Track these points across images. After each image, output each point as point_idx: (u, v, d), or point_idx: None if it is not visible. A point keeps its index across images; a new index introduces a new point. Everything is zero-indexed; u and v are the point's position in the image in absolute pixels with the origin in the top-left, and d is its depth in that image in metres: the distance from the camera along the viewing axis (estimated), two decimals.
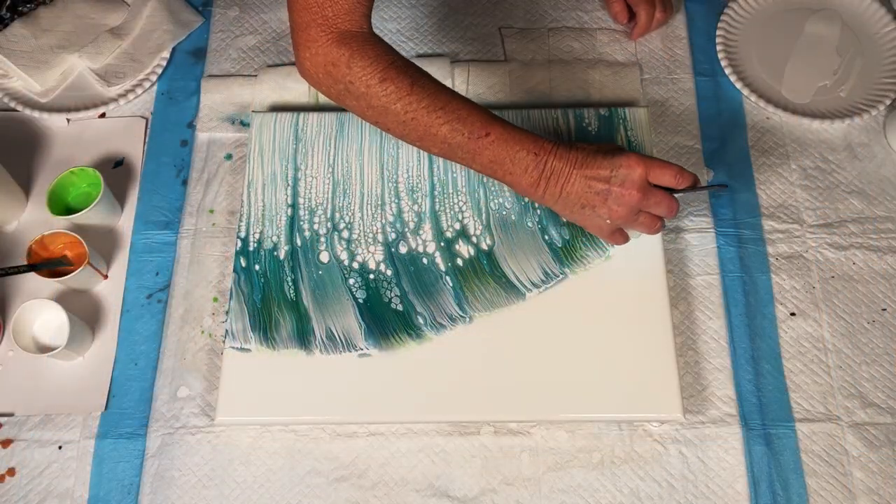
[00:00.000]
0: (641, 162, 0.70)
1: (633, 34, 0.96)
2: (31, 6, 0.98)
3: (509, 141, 0.71)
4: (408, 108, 0.70)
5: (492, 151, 0.71)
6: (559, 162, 0.71)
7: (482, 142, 0.71)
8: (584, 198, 0.71)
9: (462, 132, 0.70)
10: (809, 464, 0.76)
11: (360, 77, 0.70)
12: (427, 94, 0.70)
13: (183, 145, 0.92)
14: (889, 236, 0.86)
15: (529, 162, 0.71)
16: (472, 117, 0.71)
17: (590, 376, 0.76)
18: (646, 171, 0.70)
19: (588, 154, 0.71)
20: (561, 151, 0.71)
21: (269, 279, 0.81)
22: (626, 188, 0.70)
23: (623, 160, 0.70)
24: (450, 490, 0.75)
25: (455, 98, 0.72)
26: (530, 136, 0.72)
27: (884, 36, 0.96)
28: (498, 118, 0.72)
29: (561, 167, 0.71)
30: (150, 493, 0.75)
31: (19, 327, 0.78)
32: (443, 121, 0.70)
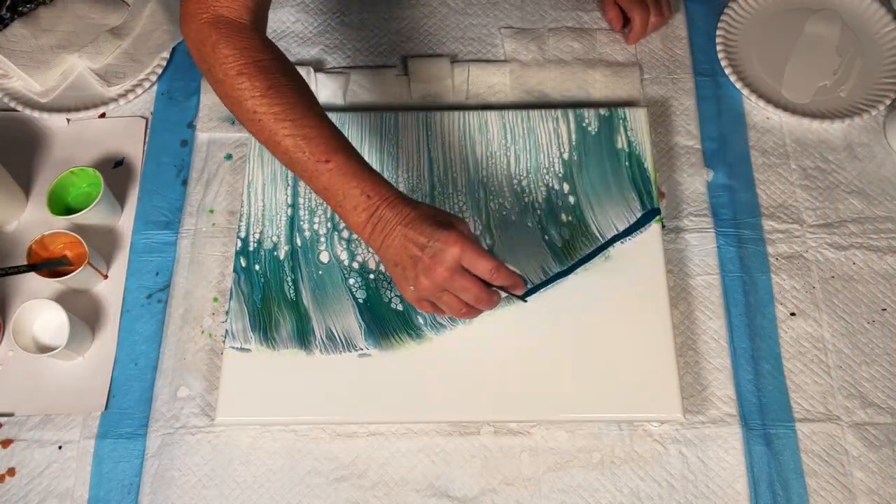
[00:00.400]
0: (459, 242, 0.65)
1: (629, 39, 0.96)
2: (31, 6, 0.98)
3: (347, 175, 0.68)
4: (257, 108, 0.68)
5: (327, 179, 0.68)
6: (389, 212, 0.67)
7: (320, 166, 0.68)
8: (398, 256, 0.67)
9: (304, 150, 0.68)
10: (809, 464, 0.76)
11: (220, 63, 0.68)
12: (281, 102, 0.68)
13: (183, 145, 0.92)
14: (889, 236, 0.86)
15: (360, 202, 0.67)
16: (319, 139, 0.68)
17: (590, 376, 0.76)
18: (460, 254, 0.65)
19: (419, 216, 0.66)
20: (395, 203, 0.67)
21: (269, 279, 0.81)
22: (435, 262, 0.65)
23: (443, 234, 0.65)
24: (450, 490, 0.75)
25: (310, 115, 0.68)
26: (371, 178, 0.68)
27: (884, 36, 0.96)
28: (348, 148, 0.69)
29: (389, 218, 0.67)
30: (150, 493, 0.75)
31: (19, 327, 0.78)
32: (288, 132, 0.68)
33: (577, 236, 0.82)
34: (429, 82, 0.94)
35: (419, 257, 0.65)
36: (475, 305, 0.68)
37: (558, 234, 0.83)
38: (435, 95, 0.94)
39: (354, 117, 0.89)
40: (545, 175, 0.86)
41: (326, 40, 0.99)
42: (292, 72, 0.71)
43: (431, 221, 0.66)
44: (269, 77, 0.68)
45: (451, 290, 0.67)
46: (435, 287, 0.66)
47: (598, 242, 0.82)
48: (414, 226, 0.66)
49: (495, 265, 0.66)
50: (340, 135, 0.70)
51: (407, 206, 0.67)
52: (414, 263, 0.66)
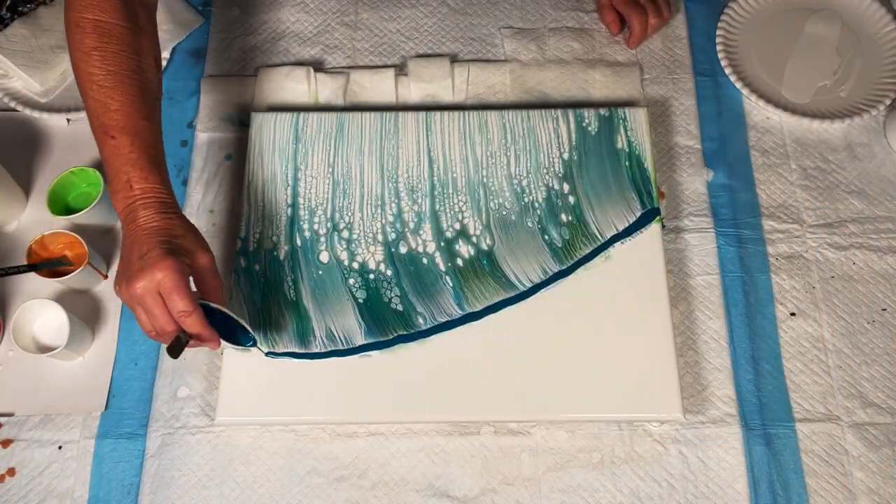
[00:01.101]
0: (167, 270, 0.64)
1: (630, 44, 0.96)
2: (31, 6, 0.98)
3: (122, 158, 0.68)
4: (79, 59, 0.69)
5: (106, 153, 0.69)
6: (142, 211, 0.67)
7: (105, 139, 0.68)
8: (124, 251, 0.68)
9: (97, 117, 0.69)
10: (809, 464, 0.76)
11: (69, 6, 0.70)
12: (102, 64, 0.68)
13: (183, 145, 0.92)
14: (889, 236, 0.86)
15: (122, 188, 0.68)
16: (117, 113, 0.68)
17: (590, 376, 0.76)
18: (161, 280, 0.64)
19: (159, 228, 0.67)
20: (151, 205, 0.68)
21: (269, 279, 0.81)
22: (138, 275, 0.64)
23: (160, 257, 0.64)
24: (450, 490, 0.75)
25: (123, 86, 0.69)
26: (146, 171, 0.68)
27: (884, 36, 0.96)
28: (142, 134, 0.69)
29: (138, 215, 0.67)
30: (150, 493, 0.75)
31: (19, 327, 0.78)
32: (94, 94, 0.68)
33: (577, 236, 0.82)
34: (429, 82, 0.94)
35: (132, 263, 0.66)
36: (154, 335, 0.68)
37: (558, 234, 0.83)
38: (435, 95, 0.94)
39: (354, 117, 0.89)
40: (545, 175, 0.86)
41: (326, 40, 0.99)
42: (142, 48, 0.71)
43: (165, 240, 0.67)
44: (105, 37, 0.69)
45: (141, 308, 0.66)
46: (131, 297, 0.66)
47: (598, 242, 0.82)
48: (148, 235, 0.67)
49: (186, 310, 0.65)
50: (148, 123, 0.70)
51: (158, 214, 0.68)
52: (127, 267, 0.66)
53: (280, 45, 0.98)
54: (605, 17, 0.97)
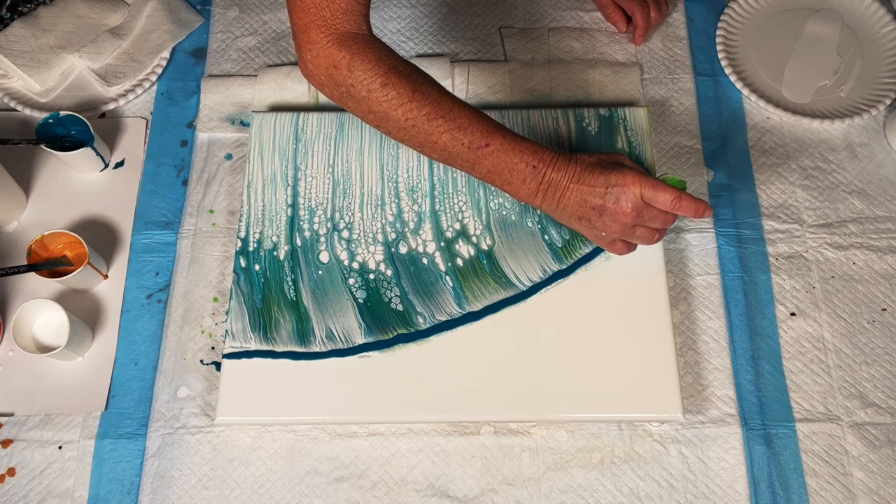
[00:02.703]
0: (637, 181, 0.69)
1: (636, 39, 0.96)
2: (31, 6, 0.98)
3: (508, 152, 0.70)
4: (408, 114, 0.69)
5: (491, 162, 0.71)
6: (557, 174, 0.71)
7: (482, 152, 0.70)
8: (580, 211, 0.71)
9: (462, 142, 0.70)
10: (809, 464, 0.76)
11: (361, 81, 0.69)
12: (428, 102, 0.70)
13: (183, 145, 0.92)
14: (889, 236, 0.86)
15: (528, 174, 0.71)
16: (473, 127, 0.70)
17: (590, 376, 0.76)
18: (640, 191, 0.69)
19: (586, 168, 0.71)
20: (560, 163, 0.71)
21: (269, 279, 0.81)
22: (620, 205, 0.69)
23: (619, 178, 0.69)
24: (450, 490, 0.75)
25: (457, 106, 0.71)
26: (530, 147, 0.71)
27: (884, 36, 0.96)
28: (499, 127, 0.72)
29: (559, 179, 0.71)
30: (150, 493, 0.75)
31: (19, 327, 0.78)
32: (443, 129, 0.70)
33: (577, 236, 0.82)
34: None
35: (602, 206, 0.70)
36: (662, 228, 0.73)
37: (558, 234, 0.83)
38: None
39: (354, 117, 0.89)
40: None
41: None
42: (418, 68, 0.72)
43: (601, 170, 0.70)
44: (409, 81, 0.70)
45: (641, 224, 0.71)
46: (624, 227, 0.71)
47: None
48: (585, 179, 0.70)
49: (676, 195, 0.69)
50: (483, 114, 0.72)
51: (571, 164, 0.71)
52: (599, 213, 0.70)
53: (280, 45, 0.98)
54: (610, 16, 0.97)
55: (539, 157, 0.71)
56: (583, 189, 0.70)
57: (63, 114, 0.87)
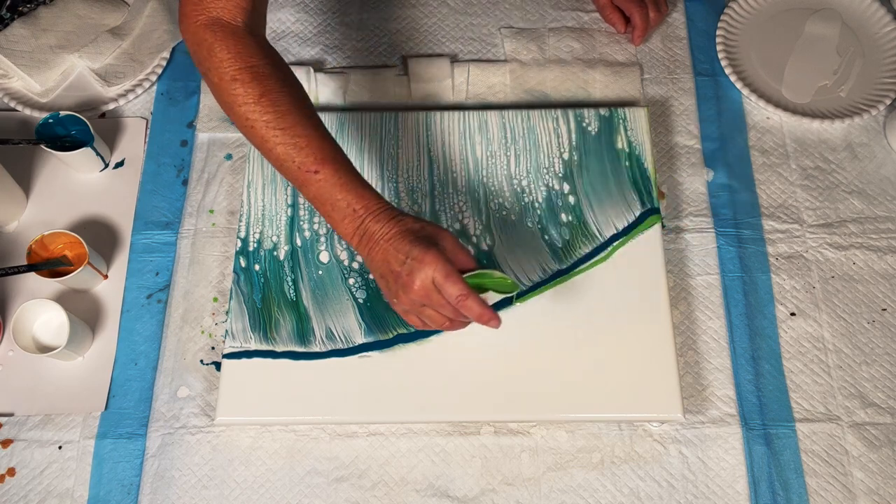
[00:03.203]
0: (433, 263, 0.64)
1: (634, 40, 0.96)
2: (31, 6, 0.98)
3: (336, 186, 0.68)
4: (249, 115, 0.68)
5: (316, 189, 0.68)
6: (375, 226, 0.67)
7: (310, 177, 0.68)
8: (382, 269, 0.68)
9: (294, 160, 0.68)
10: (809, 464, 0.76)
11: (216, 67, 0.68)
12: (273, 110, 0.68)
13: (183, 145, 0.92)
14: (889, 236, 0.86)
15: (347, 214, 0.68)
16: (309, 149, 0.68)
17: (590, 376, 0.76)
18: (433, 274, 0.64)
19: (401, 232, 0.67)
20: (382, 217, 0.67)
21: (269, 279, 0.81)
22: (412, 279, 0.65)
23: (419, 253, 0.65)
24: (450, 490, 0.75)
25: (302, 123, 0.68)
26: (359, 190, 0.68)
27: (884, 36, 0.96)
28: (339, 159, 0.69)
29: (374, 231, 0.67)
30: (150, 493, 0.75)
31: (19, 327, 0.78)
32: (279, 141, 0.68)
33: (577, 236, 0.82)
34: (429, 82, 0.94)
35: (398, 273, 0.66)
36: (448, 327, 0.68)
37: (558, 234, 0.83)
38: (435, 95, 0.94)
39: (354, 117, 0.89)
40: (545, 175, 0.86)
41: (326, 40, 0.99)
42: (287, 77, 0.70)
43: (413, 237, 0.66)
44: (262, 83, 0.68)
45: (429, 306, 0.66)
46: (412, 303, 0.66)
47: (597, 242, 0.82)
48: (395, 242, 0.66)
49: (462, 294, 0.65)
50: (333, 144, 0.69)
51: (391, 221, 0.67)
52: (395, 278, 0.66)
53: (280, 45, 0.98)
54: (609, 17, 0.97)
55: (363, 203, 0.68)
56: (389, 250, 0.67)
57: (63, 114, 0.87)
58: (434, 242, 0.66)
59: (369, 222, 0.67)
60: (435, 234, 0.67)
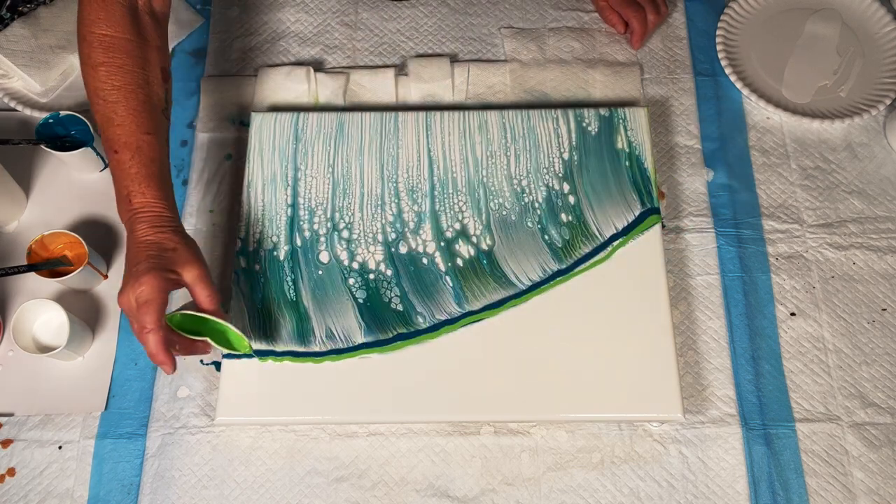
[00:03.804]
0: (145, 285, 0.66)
1: (633, 44, 0.96)
2: (31, 6, 0.98)
3: (123, 173, 0.70)
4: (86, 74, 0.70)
5: (112, 167, 0.71)
6: (138, 225, 0.69)
7: (110, 154, 0.71)
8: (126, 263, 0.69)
9: (103, 132, 0.71)
10: (809, 464, 0.76)
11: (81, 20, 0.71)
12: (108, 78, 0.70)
13: (183, 145, 0.92)
14: (889, 236, 0.86)
15: (123, 202, 0.71)
16: (119, 128, 0.70)
17: (590, 376, 0.76)
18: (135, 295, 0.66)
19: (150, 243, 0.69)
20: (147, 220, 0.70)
21: (268, 279, 0.81)
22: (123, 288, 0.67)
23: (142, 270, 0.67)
24: (450, 490, 0.75)
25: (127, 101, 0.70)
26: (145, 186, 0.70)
27: (884, 36, 0.96)
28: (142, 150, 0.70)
29: (135, 229, 0.69)
30: (150, 493, 0.75)
31: (19, 327, 0.78)
32: (100, 109, 0.70)
33: (577, 236, 0.82)
34: (429, 82, 0.94)
35: (128, 274, 0.68)
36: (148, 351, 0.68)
37: (558, 234, 0.83)
38: (435, 95, 0.94)
39: (354, 117, 0.89)
40: (545, 175, 0.86)
41: (326, 40, 0.99)
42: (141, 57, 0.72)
43: (153, 253, 0.68)
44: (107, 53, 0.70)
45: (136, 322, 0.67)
46: (123, 306, 0.68)
47: (597, 242, 0.82)
48: (140, 249, 0.69)
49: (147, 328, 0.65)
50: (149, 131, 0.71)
51: (151, 229, 0.70)
52: (126, 277, 0.69)
53: (280, 45, 0.98)
54: (609, 19, 0.97)
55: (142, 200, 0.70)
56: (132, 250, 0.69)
57: (63, 114, 0.87)
58: (170, 269, 0.68)
59: (136, 218, 0.70)
60: (184, 262, 0.69)
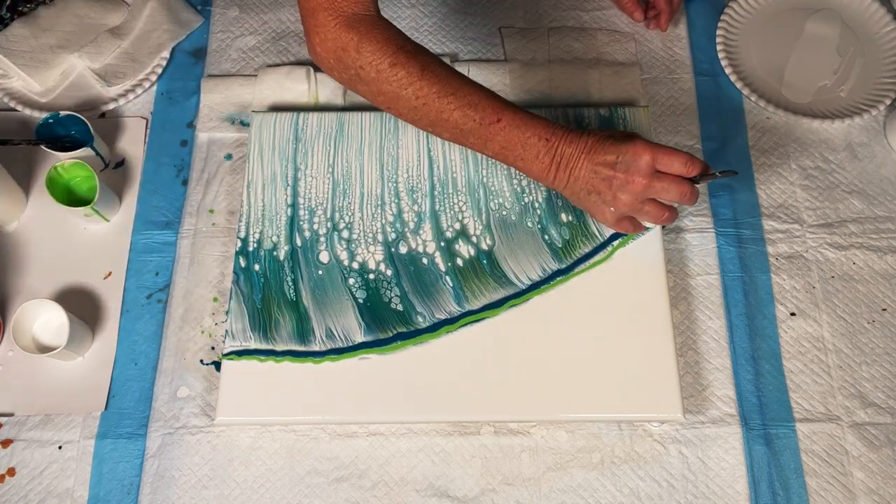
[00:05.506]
0: (648, 149, 0.69)
1: (661, 25, 0.96)
2: (31, 6, 0.98)
3: (521, 126, 0.71)
4: (418, 93, 0.70)
5: (503, 137, 0.71)
6: (570, 147, 0.71)
7: (493, 128, 0.71)
8: (590, 183, 0.71)
9: (473, 118, 0.71)
10: (809, 464, 0.76)
11: (369, 62, 0.69)
12: (438, 80, 0.70)
13: (183, 145, 0.92)
14: (889, 236, 0.86)
15: (541, 148, 0.71)
16: (484, 103, 0.71)
17: (590, 376, 0.76)
18: (653, 158, 0.69)
19: (598, 140, 0.71)
20: (572, 137, 0.71)
21: (268, 279, 0.81)
22: (630, 175, 0.69)
23: (630, 147, 0.69)
24: (450, 490, 0.75)
25: (466, 83, 0.72)
26: (542, 122, 0.72)
27: (884, 36, 0.96)
28: (509, 104, 0.72)
29: (571, 152, 0.71)
30: (150, 493, 0.75)
31: (19, 327, 0.78)
32: (454, 106, 0.70)
33: (577, 236, 0.82)
34: None
35: (612, 176, 0.70)
36: (680, 202, 0.72)
37: (558, 234, 0.83)
38: None
39: (354, 117, 0.89)
40: None
41: None
42: (425, 48, 0.73)
43: (612, 141, 0.70)
44: (417, 60, 0.70)
45: (652, 196, 0.70)
46: (635, 198, 0.70)
47: (597, 242, 0.82)
48: (597, 150, 0.70)
49: (688, 157, 0.70)
50: (492, 92, 0.73)
51: (584, 136, 0.71)
52: (609, 184, 0.70)
53: (280, 45, 0.98)
54: (626, 6, 0.97)
55: (551, 131, 0.71)
56: (594, 159, 0.70)
57: (63, 114, 0.87)
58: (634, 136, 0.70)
59: (563, 147, 0.71)
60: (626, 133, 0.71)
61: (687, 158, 0.70)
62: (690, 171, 0.70)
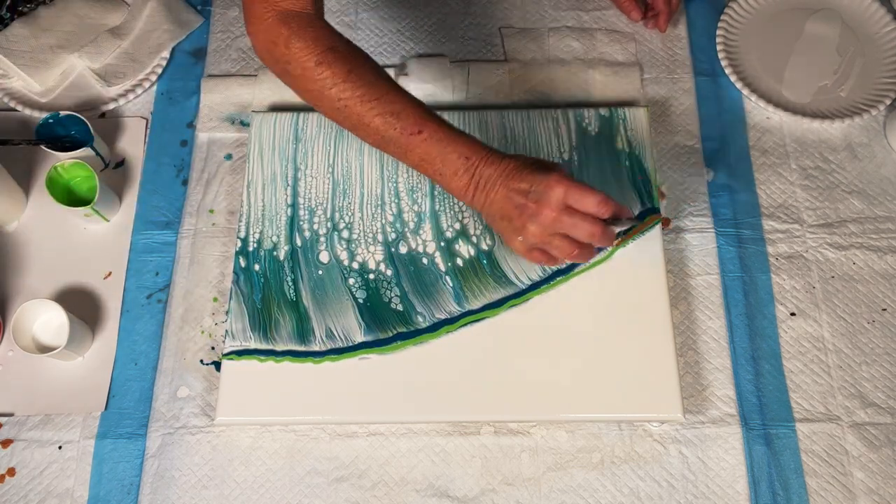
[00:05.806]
0: (562, 183, 0.66)
1: (660, 25, 0.96)
2: (31, 6, 0.98)
3: (442, 141, 0.69)
4: (341, 94, 0.69)
5: (423, 149, 0.69)
6: (489, 169, 0.68)
7: (414, 139, 0.69)
8: (504, 209, 0.69)
9: (395, 126, 0.69)
10: (809, 464, 0.76)
11: (296, 58, 0.69)
12: (363, 84, 0.69)
13: (183, 145, 0.92)
14: (889, 236, 0.86)
15: (460, 165, 0.69)
16: (407, 112, 0.69)
17: (590, 376, 0.76)
18: (565, 193, 0.66)
19: (518, 166, 0.68)
20: (494, 159, 0.69)
21: (268, 279, 0.81)
22: (541, 206, 0.66)
23: (544, 178, 0.66)
24: (450, 490, 0.75)
25: (393, 90, 0.70)
26: (465, 140, 0.70)
27: (884, 36, 0.96)
28: (435, 117, 0.70)
29: (490, 174, 0.68)
30: (150, 493, 0.75)
31: (19, 327, 0.78)
32: (376, 112, 0.69)
33: None
34: (429, 82, 0.94)
35: (524, 204, 0.67)
36: (589, 241, 0.69)
37: None
38: (435, 95, 0.94)
39: None
40: None
41: None
42: (362, 53, 0.72)
43: (531, 169, 0.68)
44: (346, 62, 0.69)
45: (562, 231, 0.68)
46: (544, 231, 0.67)
47: None
48: (514, 176, 0.68)
49: (602, 198, 0.67)
50: (424, 105, 0.71)
51: (505, 160, 0.69)
52: (520, 212, 0.67)
53: None
54: (624, 6, 0.97)
55: (473, 150, 0.69)
56: (510, 185, 0.68)
57: (63, 114, 0.87)
58: (553, 168, 0.68)
59: (483, 167, 0.69)
60: (550, 165, 0.69)
61: (601, 199, 0.67)
62: (602, 211, 0.67)
